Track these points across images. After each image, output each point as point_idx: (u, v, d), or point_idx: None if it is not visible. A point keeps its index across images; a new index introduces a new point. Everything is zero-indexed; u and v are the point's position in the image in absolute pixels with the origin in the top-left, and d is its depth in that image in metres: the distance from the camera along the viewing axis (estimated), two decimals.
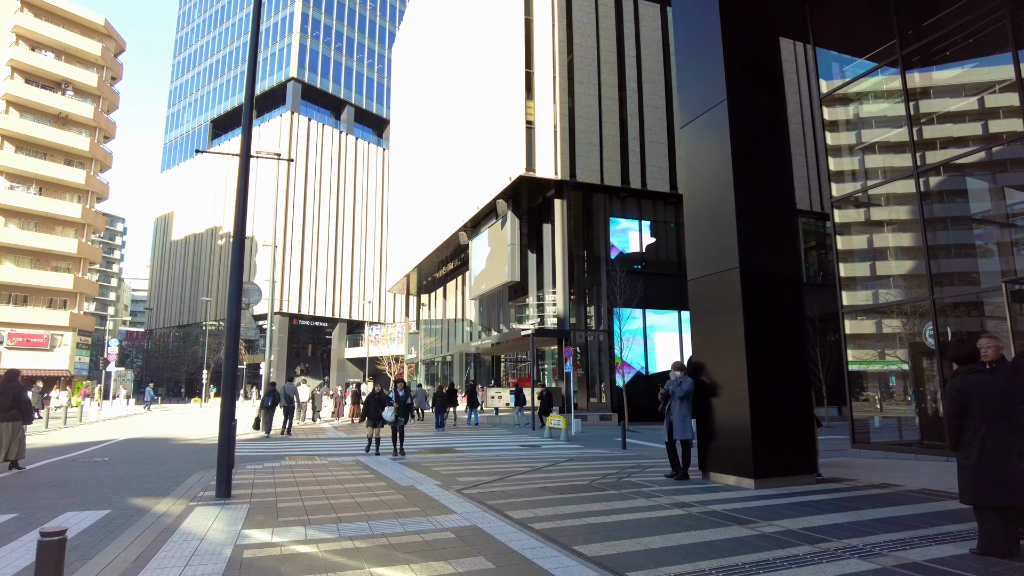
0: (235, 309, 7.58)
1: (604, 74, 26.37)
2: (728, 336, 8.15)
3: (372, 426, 12.37)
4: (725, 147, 8.41)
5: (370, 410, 12.37)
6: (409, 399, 13.11)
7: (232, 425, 7.37)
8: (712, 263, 8.54)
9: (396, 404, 12.37)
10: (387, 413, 12.18)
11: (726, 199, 8.31)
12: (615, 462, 11.00)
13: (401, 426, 12.41)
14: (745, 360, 7.77)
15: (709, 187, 8.77)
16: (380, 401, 12.44)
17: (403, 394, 12.71)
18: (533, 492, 7.51)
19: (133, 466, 10.71)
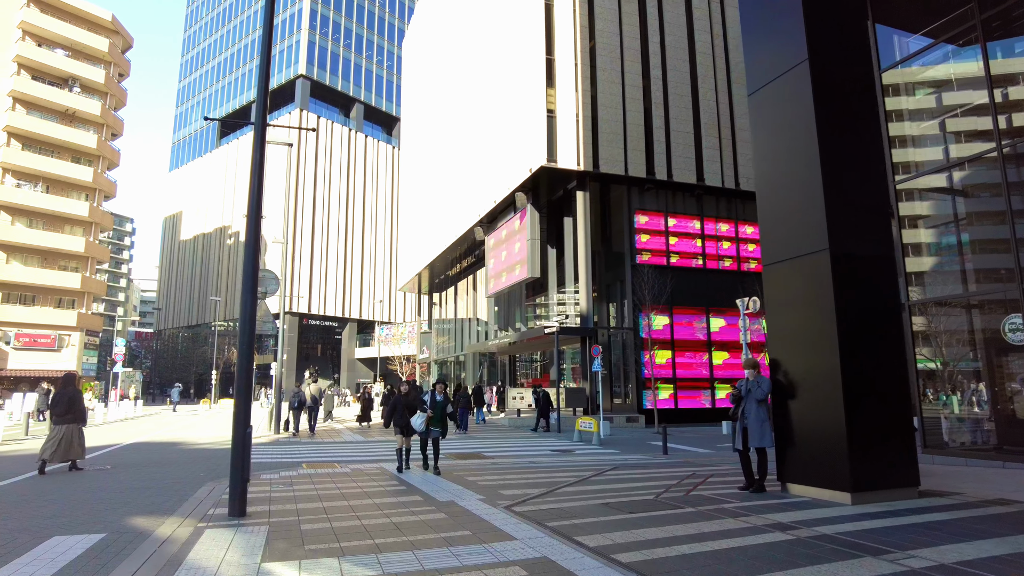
0: (250, 299, 6.58)
1: (627, 61, 25.29)
2: (815, 328, 7.07)
3: (400, 434, 9.95)
4: (807, 112, 7.33)
5: (396, 416, 9.98)
6: (449, 404, 10.23)
7: (248, 432, 6.36)
8: (794, 245, 7.46)
9: (430, 411, 9.68)
10: (416, 421, 9.56)
11: (810, 172, 7.23)
12: (666, 471, 9.94)
13: (435, 438, 9.73)
14: (838, 356, 6.70)
15: (788, 159, 7.69)
16: (410, 406, 9.82)
17: (441, 399, 9.90)
18: (595, 510, 6.47)
19: (137, 475, 9.74)
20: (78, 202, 43.57)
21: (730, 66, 27.07)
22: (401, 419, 9.86)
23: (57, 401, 10.02)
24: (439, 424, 9.80)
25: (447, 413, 10.08)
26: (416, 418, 9.61)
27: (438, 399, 9.83)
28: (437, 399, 9.81)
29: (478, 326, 37.59)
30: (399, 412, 9.92)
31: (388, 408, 10.17)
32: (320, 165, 67.45)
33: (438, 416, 9.79)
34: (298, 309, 62.88)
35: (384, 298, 71.60)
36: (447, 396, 10.14)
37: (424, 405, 9.69)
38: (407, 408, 9.86)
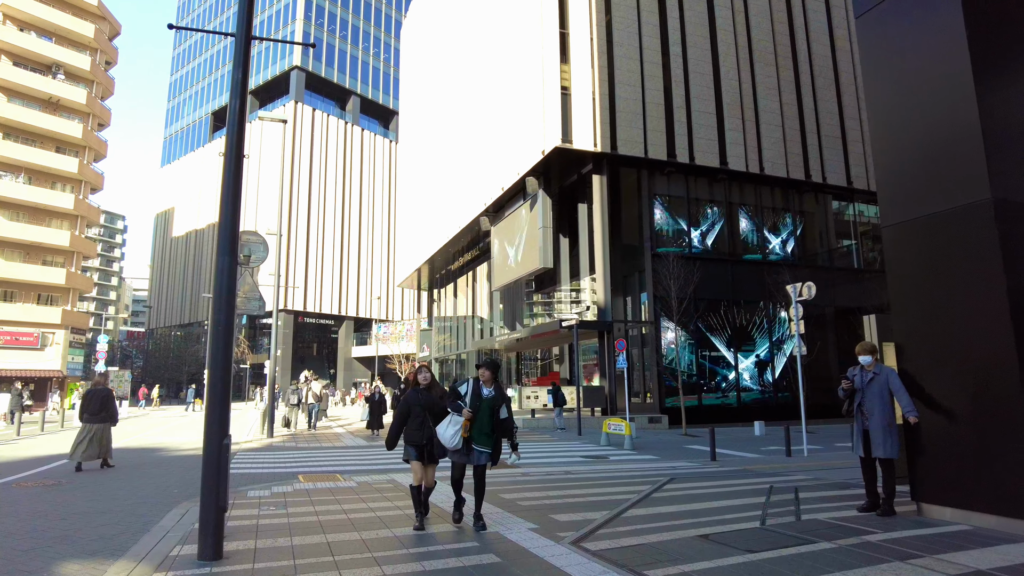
0: (228, 263, 4.87)
1: (645, 36, 23.62)
2: (970, 302, 5.41)
3: (417, 459, 5.77)
4: (952, 26, 5.66)
5: (411, 426, 5.80)
6: (505, 407, 5.70)
7: (225, 444, 4.65)
8: (935, 197, 5.78)
9: (469, 411, 5.49)
10: (448, 432, 5.52)
11: (960, 100, 5.56)
12: (735, 483, 8.28)
13: (482, 466, 5.65)
14: (1013, 337, 5.03)
15: (922, 87, 6.00)
16: (433, 408, 5.77)
17: (491, 393, 5.63)
18: (696, 547, 4.79)
19: (93, 493, 7.99)
20: (63, 194, 41.61)
21: (752, 43, 25.43)
22: (420, 431, 5.71)
23: (90, 400, 10.33)
24: (487, 439, 5.52)
25: (501, 419, 5.59)
26: (446, 426, 5.53)
27: (484, 393, 5.57)
28: (483, 392, 5.57)
29: (481, 323, 35.90)
30: (416, 419, 5.75)
31: (397, 415, 5.90)
32: (315, 159, 65.59)
33: (485, 422, 5.51)
34: (293, 306, 61.04)
35: (382, 295, 69.79)
36: (499, 389, 5.69)
37: (458, 404, 5.54)
38: (428, 412, 5.74)
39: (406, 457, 5.89)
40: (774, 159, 24.58)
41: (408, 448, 5.86)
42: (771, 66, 25.51)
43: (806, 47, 26.48)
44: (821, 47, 26.79)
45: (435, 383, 6.07)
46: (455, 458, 5.65)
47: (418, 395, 5.87)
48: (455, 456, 5.63)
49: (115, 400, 10.96)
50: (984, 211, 5.31)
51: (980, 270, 5.34)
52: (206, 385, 4.77)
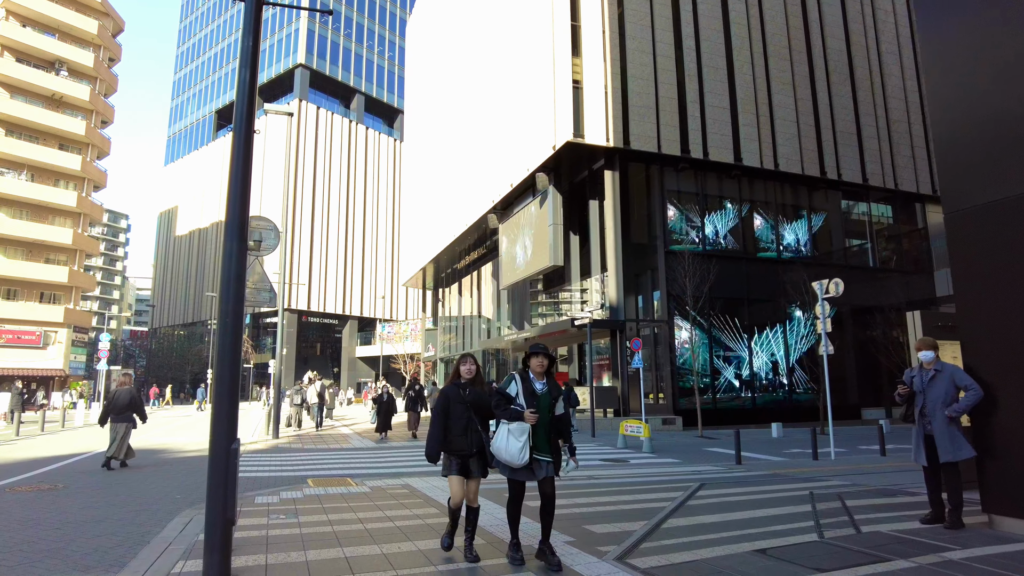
0: (238, 248, 4.40)
1: (658, 29, 23.12)
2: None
3: (459, 473, 4.61)
4: (1018, 6, 5.17)
5: (454, 432, 4.62)
6: (562, 402, 4.58)
7: (234, 449, 4.18)
8: (1015, 177, 5.27)
9: (531, 413, 4.30)
10: (509, 444, 4.28)
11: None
12: (773, 489, 7.78)
13: (549, 481, 4.40)
14: None
15: (996, 49, 5.49)
16: (480, 407, 4.67)
17: (544, 388, 4.48)
18: (756, 564, 4.31)
19: (92, 498, 7.53)
20: (65, 192, 41.25)
21: (766, 38, 24.93)
22: (464, 438, 4.55)
23: (117, 399, 10.36)
24: (547, 444, 4.36)
25: (557, 416, 4.50)
26: (506, 439, 4.26)
27: (538, 388, 4.41)
28: (537, 388, 4.40)
29: (487, 323, 35.44)
30: (459, 423, 4.57)
31: (436, 416, 4.63)
32: (320, 157, 65.19)
33: (543, 423, 4.36)
34: (297, 306, 60.67)
35: (386, 294, 69.36)
36: (553, 381, 4.58)
37: (514, 408, 4.33)
38: (475, 410, 4.61)
39: (446, 472, 4.60)
40: (789, 155, 24.08)
41: (449, 459, 4.58)
42: (785, 61, 25.00)
43: (820, 42, 25.96)
44: (836, 41, 26.27)
45: (480, 376, 4.83)
46: (517, 476, 4.31)
47: (460, 391, 4.66)
48: (518, 474, 4.31)
49: (142, 400, 11.02)
50: None
51: None
52: (213, 382, 4.30)
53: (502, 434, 4.34)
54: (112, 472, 9.89)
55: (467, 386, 4.72)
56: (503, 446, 4.29)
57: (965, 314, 5.66)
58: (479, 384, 4.83)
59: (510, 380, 4.56)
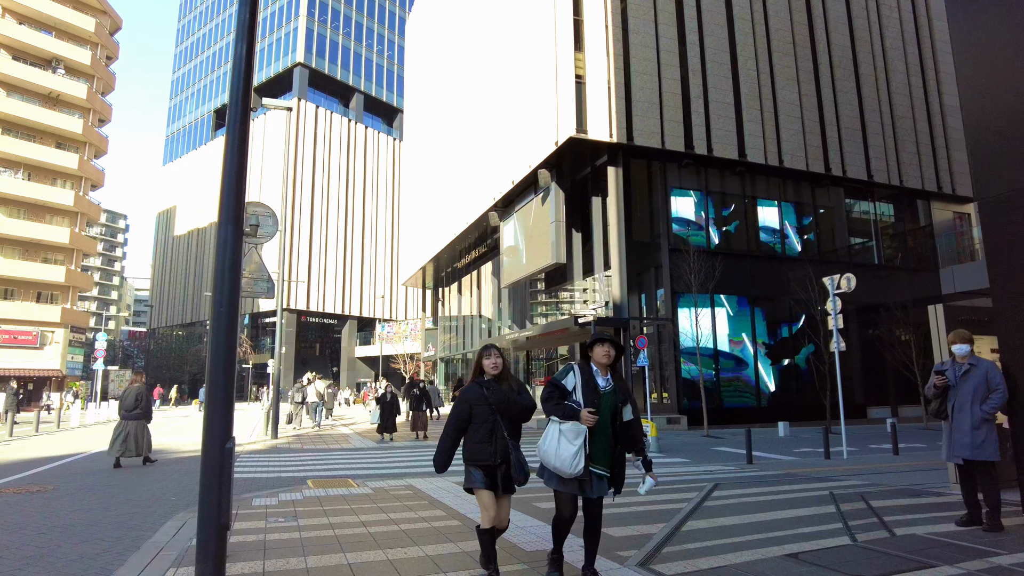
0: (233, 234, 4.11)
1: (661, 24, 22.84)
2: None
3: (486, 486, 3.79)
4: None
5: (471, 437, 3.87)
6: (631, 404, 3.74)
7: (228, 449, 3.88)
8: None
9: (591, 413, 3.55)
10: (564, 453, 3.51)
11: None
12: (790, 489, 7.50)
13: (599, 501, 3.69)
14: None
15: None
16: (503, 407, 3.82)
17: (609, 385, 3.74)
18: (789, 570, 4.02)
19: (83, 501, 7.23)
20: (62, 191, 40.92)
21: (770, 32, 24.66)
22: (489, 444, 3.78)
23: (125, 397, 10.53)
24: (607, 455, 3.62)
25: (625, 421, 3.68)
26: (557, 443, 3.55)
27: (601, 384, 3.69)
28: (599, 384, 3.69)
29: (486, 322, 35.16)
30: (483, 427, 3.82)
31: (452, 420, 3.93)
32: (319, 157, 64.85)
33: (605, 429, 3.62)
34: (296, 306, 60.34)
35: (386, 294, 69.05)
36: (620, 378, 3.82)
37: (570, 406, 3.61)
38: (502, 412, 3.81)
39: (469, 484, 3.85)
40: (793, 151, 23.81)
41: (472, 471, 3.81)
42: (789, 56, 24.74)
43: (825, 37, 25.70)
44: (840, 37, 26.01)
45: (508, 372, 3.98)
46: (565, 488, 3.59)
47: (483, 390, 3.84)
48: (567, 486, 3.57)
49: (150, 398, 11.11)
50: None
51: None
52: (206, 380, 4.00)
53: (551, 435, 3.58)
54: (106, 473, 9.59)
55: (491, 384, 3.89)
56: (552, 449, 3.53)
57: (1003, 308, 5.38)
58: (506, 380, 3.94)
59: (568, 371, 3.77)
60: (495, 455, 3.75)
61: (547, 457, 3.57)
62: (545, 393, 3.72)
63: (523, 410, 3.85)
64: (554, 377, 3.78)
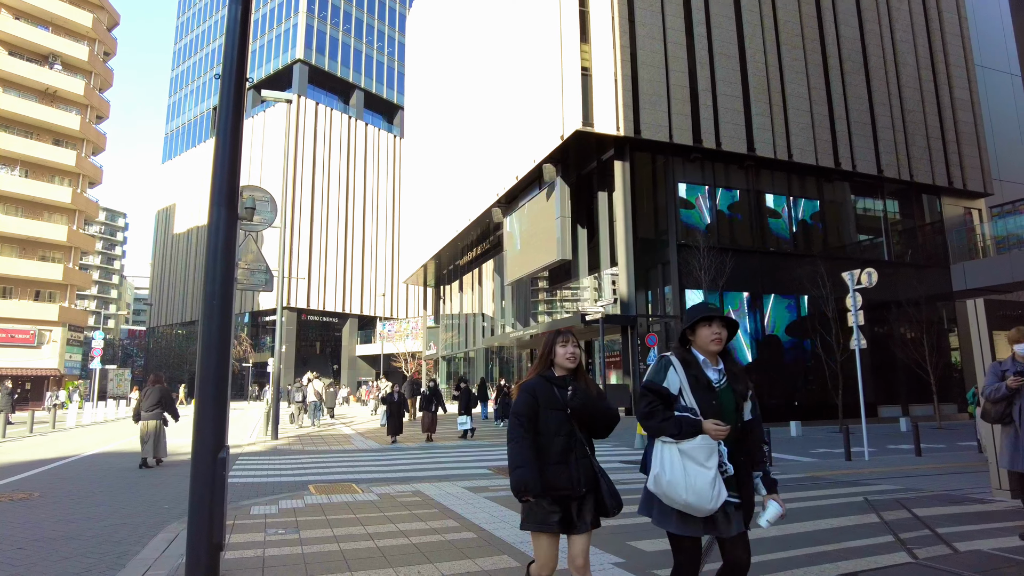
0: (226, 217, 3.67)
1: (669, 15, 22.39)
2: None
3: (560, 528, 2.73)
4: None
5: (541, 452, 2.74)
6: (751, 402, 2.78)
7: (220, 459, 3.45)
8: None
9: (723, 429, 2.52)
10: (697, 482, 2.47)
11: None
12: (819, 496, 7.08)
13: (742, 537, 2.66)
14: None
15: None
16: (583, 414, 2.81)
17: (723, 380, 2.71)
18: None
19: (68, 510, 6.78)
20: (60, 188, 40.44)
21: (778, 25, 24.19)
22: (564, 465, 2.74)
23: (145, 397, 10.51)
24: (733, 477, 2.61)
25: (749, 426, 2.73)
26: (681, 463, 2.53)
27: (713, 378, 2.70)
28: (711, 378, 2.69)
29: (486, 320, 34.73)
30: (556, 440, 2.77)
31: (515, 428, 2.76)
32: (319, 154, 64.36)
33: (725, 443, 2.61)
34: (296, 304, 59.89)
35: (387, 292, 68.61)
36: (735, 366, 2.80)
37: (688, 418, 2.57)
38: (580, 421, 2.83)
39: (531, 521, 2.72)
40: (802, 145, 23.36)
41: (537, 504, 2.69)
42: (798, 49, 24.28)
43: (834, 29, 25.22)
44: (849, 29, 25.53)
45: (582, 369, 2.90)
46: (690, 530, 2.57)
47: (551, 388, 2.81)
48: (692, 526, 2.56)
49: (173, 398, 10.99)
50: None
51: None
52: (196, 378, 3.56)
53: (669, 460, 2.54)
54: (98, 477, 9.17)
55: (569, 382, 2.83)
56: (678, 480, 2.49)
57: None
58: (584, 379, 2.89)
59: (664, 367, 2.71)
60: (578, 481, 2.71)
61: (674, 491, 2.50)
62: (643, 406, 2.68)
63: (610, 422, 2.88)
64: (648, 379, 2.76)
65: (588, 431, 2.85)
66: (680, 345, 2.82)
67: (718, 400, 2.63)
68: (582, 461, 2.76)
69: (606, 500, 2.77)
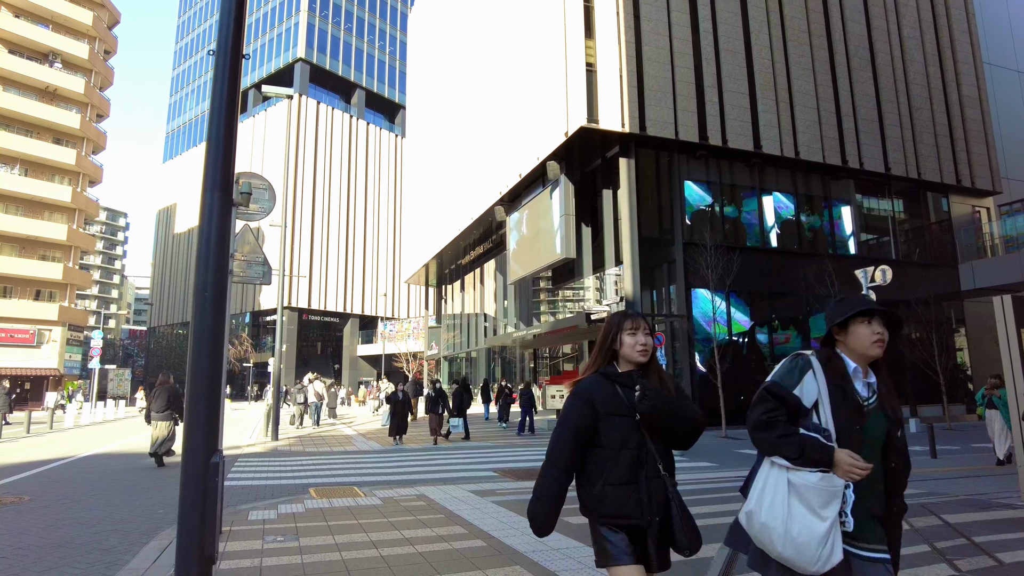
0: (220, 202, 3.40)
1: (674, 11, 22.09)
2: None
3: (633, 560, 2.10)
4: None
5: (607, 472, 2.13)
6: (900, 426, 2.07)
7: (213, 464, 3.18)
8: None
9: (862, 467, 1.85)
10: (791, 523, 1.87)
11: None
12: None
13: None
14: None
15: None
16: (656, 420, 2.13)
17: (874, 398, 2.03)
18: None
19: (59, 515, 6.52)
20: (60, 186, 40.21)
21: (785, 21, 23.89)
22: (633, 487, 2.11)
23: (155, 398, 10.57)
24: (878, 524, 1.98)
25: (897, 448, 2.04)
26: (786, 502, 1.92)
27: (863, 393, 2.05)
28: (861, 393, 2.05)
29: (488, 320, 34.46)
30: (624, 455, 2.13)
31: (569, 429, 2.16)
32: (320, 153, 64.18)
33: (875, 470, 1.96)
34: (297, 304, 59.68)
35: (388, 292, 68.39)
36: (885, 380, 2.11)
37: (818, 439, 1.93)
38: (651, 428, 2.16)
39: (606, 560, 2.14)
40: (809, 143, 23.06)
41: (607, 535, 2.14)
42: (805, 45, 23.98)
43: (840, 26, 24.92)
44: (856, 25, 25.23)
45: (655, 363, 2.26)
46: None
47: (614, 389, 2.20)
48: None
49: (181, 398, 10.94)
50: None
51: None
52: (188, 376, 3.29)
53: (773, 493, 1.95)
54: (92, 480, 8.90)
55: (637, 379, 2.19)
56: (778, 525, 1.90)
57: None
58: (657, 375, 2.26)
59: (801, 369, 2.07)
60: (650, 507, 2.08)
61: (767, 537, 1.92)
62: (760, 413, 2.04)
63: (692, 428, 2.19)
64: (774, 379, 2.08)
65: (664, 441, 2.18)
66: (825, 345, 2.14)
67: (863, 426, 1.96)
68: (654, 481, 2.11)
69: (677, 534, 2.08)
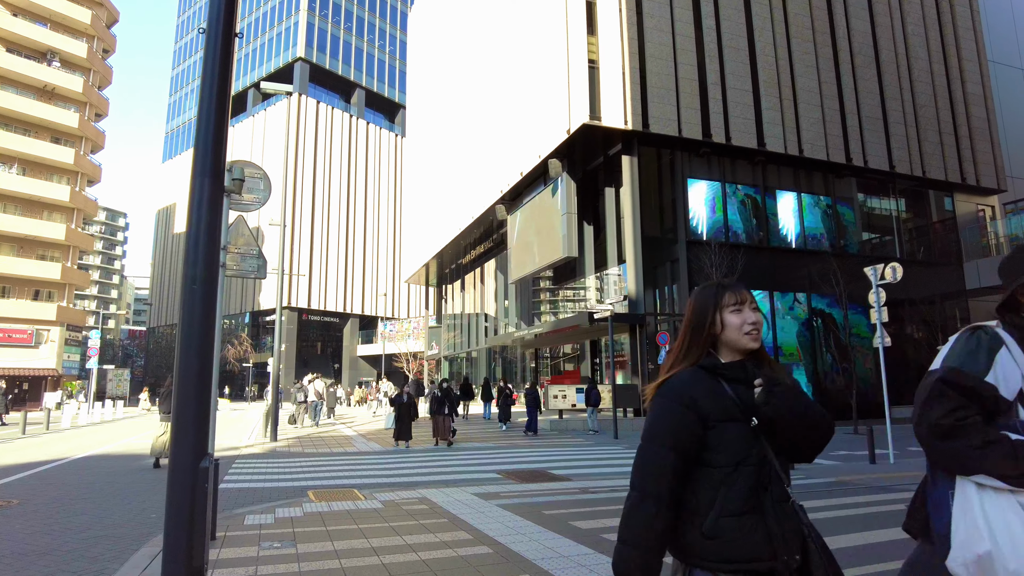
0: (210, 188, 3.18)
1: (677, 7, 21.88)
2: None
3: None
4: None
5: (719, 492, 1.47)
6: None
7: (202, 469, 2.96)
8: None
9: None
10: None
11: None
12: (853, 503, 6.59)
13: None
14: None
15: None
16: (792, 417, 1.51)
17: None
18: None
19: (46, 520, 6.29)
20: (58, 186, 39.99)
21: (788, 18, 23.68)
22: (764, 521, 1.46)
23: (165, 398, 10.71)
24: None
25: None
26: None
27: None
28: None
29: (488, 320, 34.23)
30: (741, 476, 1.48)
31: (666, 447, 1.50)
32: (320, 153, 63.96)
33: None
34: (297, 304, 59.46)
35: (388, 291, 68.17)
36: None
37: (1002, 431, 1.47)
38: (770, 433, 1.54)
39: None
40: (813, 141, 22.85)
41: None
42: (808, 42, 23.77)
43: (844, 23, 24.72)
44: (861, 23, 25.02)
45: (765, 353, 1.67)
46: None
47: (719, 387, 1.57)
48: None
49: None
50: None
51: None
52: (175, 374, 3.07)
53: (995, 513, 1.44)
54: (85, 483, 8.69)
55: (752, 371, 1.61)
56: (1008, 548, 1.40)
57: None
58: (770, 365, 1.68)
59: (988, 347, 1.56)
60: (784, 542, 1.45)
61: (1002, 565, 1.40)
62: (941, 413, 1.51)
63: (823, 434, 1.59)
64: (955, 363, 1.57)
65: (785, 454, 1.59)
66: (1009, 311, 1.62)
67: None
68: (781, 507, 1.49)
69: (815, 571, 1.46)
